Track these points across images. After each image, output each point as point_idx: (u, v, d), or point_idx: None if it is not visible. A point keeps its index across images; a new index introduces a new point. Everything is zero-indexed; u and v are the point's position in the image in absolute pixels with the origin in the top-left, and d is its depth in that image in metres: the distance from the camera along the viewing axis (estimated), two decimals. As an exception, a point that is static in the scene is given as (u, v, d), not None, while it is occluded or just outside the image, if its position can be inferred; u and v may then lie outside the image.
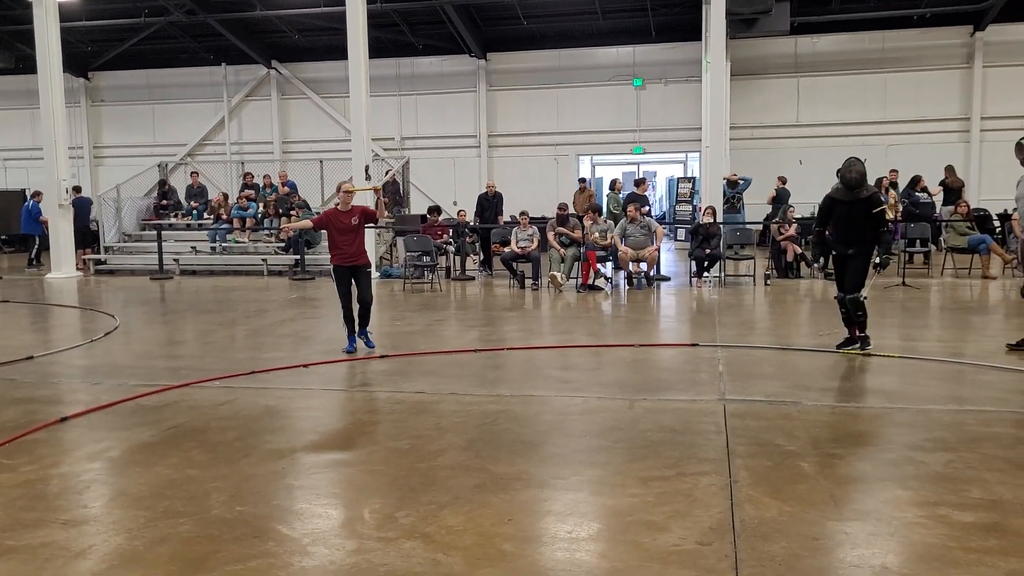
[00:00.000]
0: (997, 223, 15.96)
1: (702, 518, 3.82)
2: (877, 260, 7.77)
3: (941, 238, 15.53)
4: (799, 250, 14.15)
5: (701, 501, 4.03)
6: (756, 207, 19.21)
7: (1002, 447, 4.82)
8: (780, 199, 17.91)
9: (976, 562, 3.33)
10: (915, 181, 16.36)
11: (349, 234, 8.09)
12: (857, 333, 7.69)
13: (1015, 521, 3.73)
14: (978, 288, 12.18)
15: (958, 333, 8.44)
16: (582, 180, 19.13)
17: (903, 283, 12.14)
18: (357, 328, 8.18)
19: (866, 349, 7.56)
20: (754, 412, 5.66)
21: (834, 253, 7.78)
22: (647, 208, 15.18)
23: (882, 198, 7.84)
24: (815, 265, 7.79)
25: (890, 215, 7.81)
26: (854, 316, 7.66)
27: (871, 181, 8.00)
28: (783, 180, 18.19)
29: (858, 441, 5.02)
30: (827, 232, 7.81)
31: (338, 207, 8.21)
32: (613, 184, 18.95)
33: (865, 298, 7.60)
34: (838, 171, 7.57)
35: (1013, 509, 3.87)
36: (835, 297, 7.79)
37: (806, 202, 18.97)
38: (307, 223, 9.08)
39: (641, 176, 19.77)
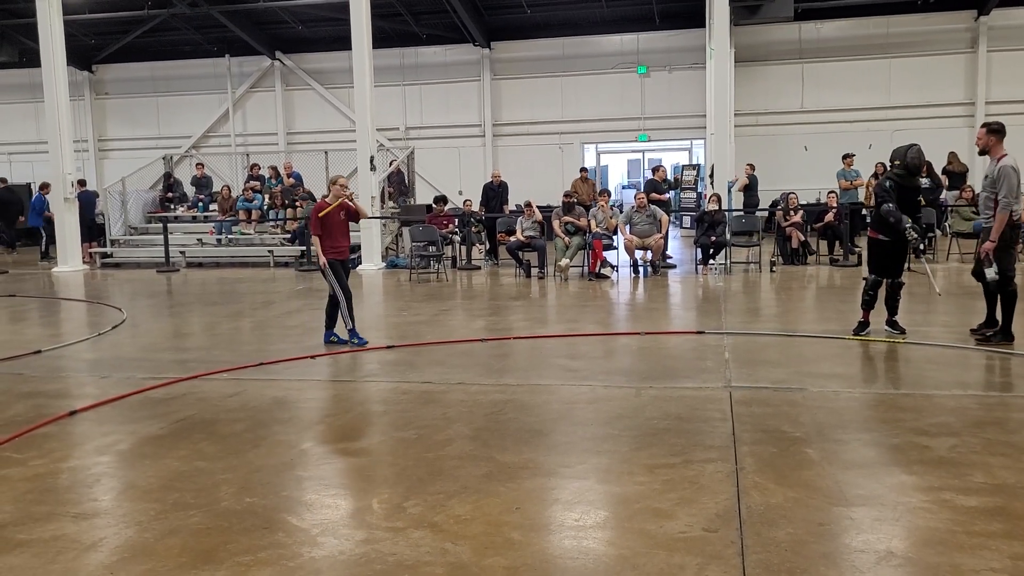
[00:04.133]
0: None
1: (708, 505, 3.84)
2: (921, 247, 7.83)
3: (946, 223, 15.49)
4: (803, 237, 14.13)
5: (707, 488, 4.06)
6: (765, 193, 19.14)
7: (1006, 432, 4.83)
8: (751, 186, 17.89)
9: (980, 546, 3.35)
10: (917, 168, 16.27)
11: (342, 228, 8.04)
12: (891, 317, 7.77)
13: (1019, 505, 3.75)
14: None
15: (962, 318, 8.42)
16: (583, 169, 19.10)
17: (908, 268, 12.10)
18: (325, 327, 8.08)
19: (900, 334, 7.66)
20: (760, 399, 5.67)
21: (882, 239, 7.59)
22: (667, 196, 15.15)
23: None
24: (918, 241, 7.46)
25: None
26: (896, 300, 7.72)
27: (872, 168, 8.00)
28: (751, 167, 18.14)
29: (863, 427, 5.04)
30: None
31: (327, 199, 8.08)
32: (655, 170, 18.30)
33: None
34: (902, 157, 7.47)
35: (1017, 493, 3.89)
36: (868, 280, 7.76)
37: (811, 188, 18.98)
38: (316, 242, 8.08)
39: (656, 164, 19.61)
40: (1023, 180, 7.24)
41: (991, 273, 7.15)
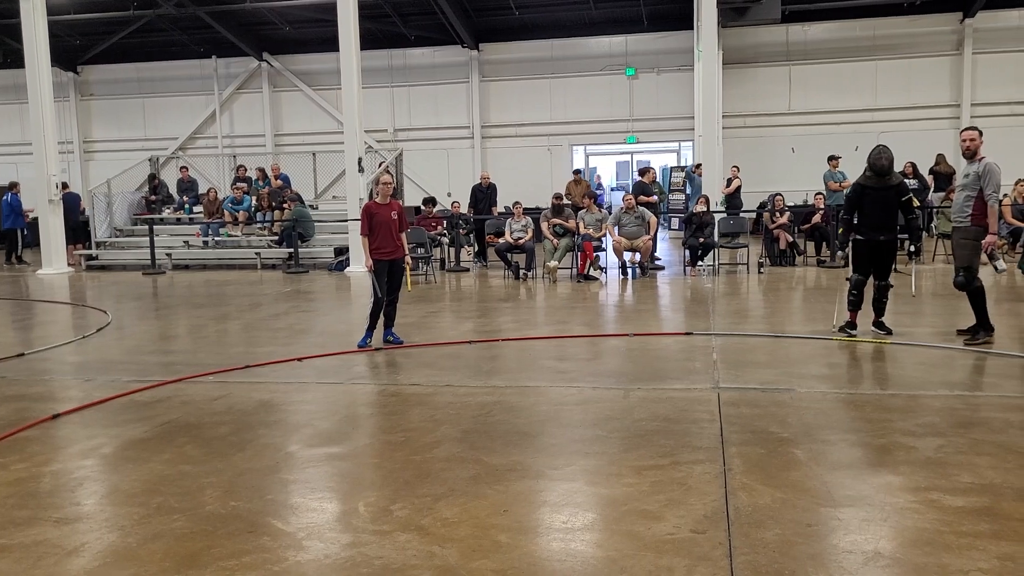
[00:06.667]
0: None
1: (696, 506, 3.83)
2: (912, 248, 7.86)
3: (932, 224, 15.57)
4: (791, 238, 14.18)
5: (695, 489, 4.05)
6: (753, 195, 19.22)
7: (992, 431, 4.84)
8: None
9: (968, 546, 3.35)
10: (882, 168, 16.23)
11: (389, 228, 8.01)
12: (877, 318, 7.84)
13: (1006, 505, 3.75)
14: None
15: (949, 319, 8.46)
16: (577, 171, 19.15)
17: (894, 269, 12.15)
18: (384, 327, 8.13)
19: (886, 334, 7.72)
20: (748, 400, 5.67)
21: (859, 239, 7.72)
22: (654, 199, 15.20)
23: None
24: (839, 253, 7.76)
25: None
26: (882, 302, 7.79)
27: (860, 169, 8.06)
28: (736, 169, 18.24)
29: (850, 427, 5.04)
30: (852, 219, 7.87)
31: (376, 200, 8.11)
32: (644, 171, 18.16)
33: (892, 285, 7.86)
34: (868, 159, 7.64)
35: (1003, 493, 3.89)
36: (852, 280, 7.82)
37: (798, 190, 19.06)
38: (366, 243, 8.04)
39: (646, 165, 19.65)
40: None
41: (1001, 264, 7.25)
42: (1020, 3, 20.09)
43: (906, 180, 15.73)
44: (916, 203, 7.99)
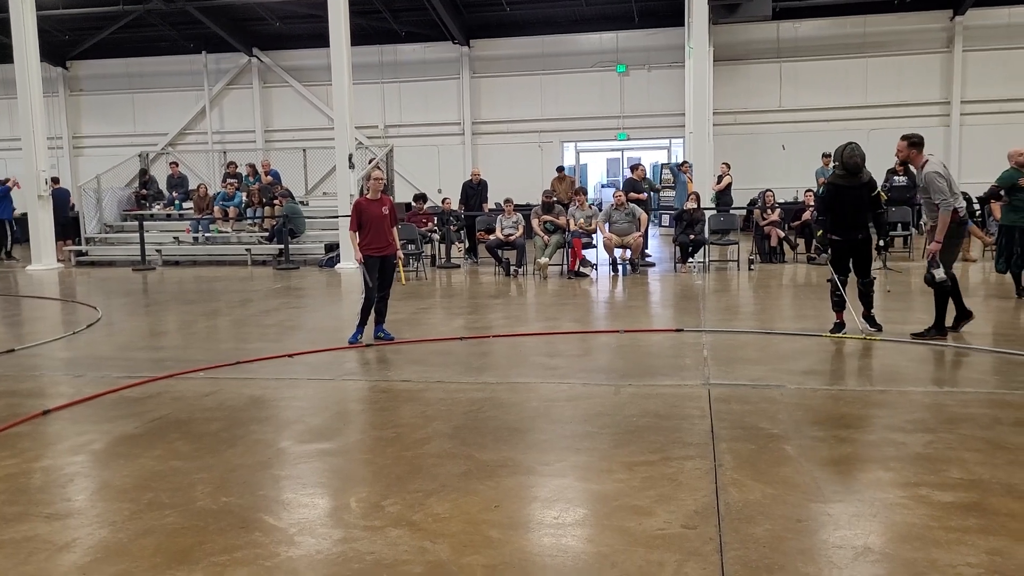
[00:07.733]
0: (977, 207, 16.04)
1: (687, 502, 3.85)
2: (881, 243, 7.84)
3: (921, 221, 15.60)
4: (782, 234, 14.22)
5: (686, 485, 4.06)
6: (743, 192, 19.26)
7: (980, 427, 4.87)
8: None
9: (956, 541, 3.37)
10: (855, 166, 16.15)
11: (381, 223, 7.97)
12: (867, 311, 7.82)
13: (994, 500, 3.78)
14: (958, 270, 12.25)
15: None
16: (560, 168, 19.09)
17: (884, 266, 12.23)
18: (375, 323, 8.10)
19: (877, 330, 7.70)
20: (738, 396, 5.69)
21: (837, 239, 7.67)
22: (644, 196, 15.22)
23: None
24: (823, 255, 7.74)
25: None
26: (869, 295, 7.78)
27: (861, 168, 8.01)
28: (727, 166, 18.26)
29: (840, 423, 5.06)
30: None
31: (367, 196, 8.09)
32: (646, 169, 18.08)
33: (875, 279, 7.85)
34: (839, 157, 7.54)
35: (992, 488, 3.92)
36: (833, 281, 7.76)
37: (789, 187, 19.11)
38: (355, 238, 8.05)
39: (636, 162, 19.64)
40: (952, 178, 7.39)
41: (940, 274, 7.25)
42: (1010, 0, 20.17)
43: (896, 177, 15.93)
44: (884, 197, 7.95)
